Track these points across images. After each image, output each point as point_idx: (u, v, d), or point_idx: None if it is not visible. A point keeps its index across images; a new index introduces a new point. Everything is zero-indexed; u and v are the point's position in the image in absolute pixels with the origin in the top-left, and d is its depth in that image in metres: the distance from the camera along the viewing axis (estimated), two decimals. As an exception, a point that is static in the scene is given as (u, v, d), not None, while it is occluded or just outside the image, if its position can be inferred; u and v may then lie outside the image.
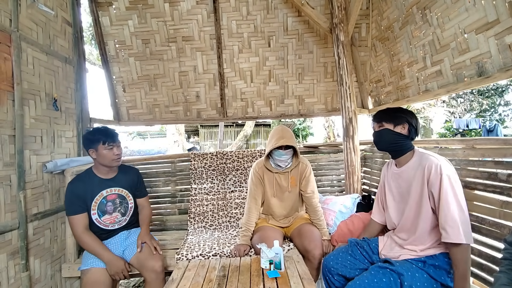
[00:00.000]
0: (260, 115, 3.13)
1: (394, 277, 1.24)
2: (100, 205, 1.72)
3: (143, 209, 1.92)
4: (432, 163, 1.25)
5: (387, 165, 1.58)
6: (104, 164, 1.71)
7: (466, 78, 1.75)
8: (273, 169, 1.94)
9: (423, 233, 1.33)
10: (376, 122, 1.47)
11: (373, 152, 2.80)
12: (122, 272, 1.62)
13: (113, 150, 1.69)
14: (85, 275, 1.58)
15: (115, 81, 2.95)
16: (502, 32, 1.46)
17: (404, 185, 1.40)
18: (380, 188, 1.63)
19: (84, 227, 1.64)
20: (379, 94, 2.81)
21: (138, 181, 1.91)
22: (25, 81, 1.67)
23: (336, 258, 1.53)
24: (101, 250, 1.62)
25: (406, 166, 1.40)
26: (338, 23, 2.43)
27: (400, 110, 1.44)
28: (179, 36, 2.88)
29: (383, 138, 1.43)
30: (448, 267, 1.27)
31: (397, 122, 1.39)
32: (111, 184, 1.77)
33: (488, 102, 12.04)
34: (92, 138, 1.66)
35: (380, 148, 1.50)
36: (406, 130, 1.39)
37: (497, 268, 1.26)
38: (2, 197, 1.50)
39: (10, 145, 1.56)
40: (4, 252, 1.50)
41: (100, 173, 1.75)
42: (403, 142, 1.39)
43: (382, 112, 1.47)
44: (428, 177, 1.26)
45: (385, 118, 1.43)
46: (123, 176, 1.83)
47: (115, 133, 1.74)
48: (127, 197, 1.84)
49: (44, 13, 1.86)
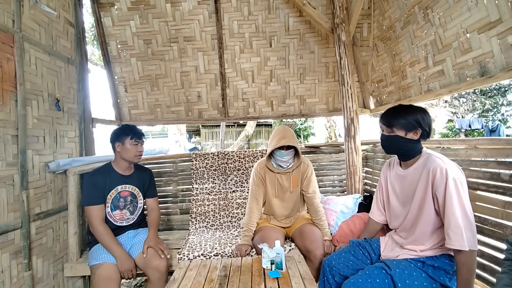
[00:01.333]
0: (261, 115, 3.14)
1: (389, 278, 1.24)
2: (113, 200, 1.78)
3: (152, 211, 1.94)
4: (438, 166, 1.22)
5: (389, 165, 1.55)
6: (126, 158, 1.78)
7: (468, 78, 1.74)
8: (275, 169, 1.94)
9: (423, 234, 1.32)
10: (386, 126, 1.37)
11: (374, 152, 2.80)
12: (131, 271, 1.64)
13: (138, 147, 1.79)
14: (97, 269, 1.59)
15: (117, 81, 2.96)
16: (504, 31, 1.45)
17: (409, 186, 1.37)
18: (379, 188, 1.61)
19: (101, 218, 1.69)
20: (381, 94, 2.80)
21: (150, 182, 1.96)
22: (27, 81, 1.68)
23: (338, 258, 1.52)
24: (114, 244, 1.65)
25: (412, 168, 1.36)
26: (340, 23, 2.43)
27: (412, 111, 1.32)
28: (181, 36, 2.89)
29: (393, 144, 1.36)
30: (448, 268, 1.26)
31: (409, 128, 1.30)
32: (127, 181, 1.84)
33: (491, 102, 11.98)
34: (121, 132, 1.77)
35: (388, 152, 1.45)
36: (418, 136, 1.31)
37: (499, 268, 1.25)
38: (5, 196, 1.51)
39: (13, 145, 1.56)
40: (7, 251, 1.51)
41: (119, 168, 1.82)
42: (413, 147, 1.33)
43: (393, 114, 1.35)
44: (433, 180, 1.23)
45: (397, 124, 1.32)
46: (138, 175, 1.90)
47: (142, 132, 1.84)
48: (138, 196, 1.89)
49: (46, 14, 1.87)
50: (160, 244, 1.75)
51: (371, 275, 1.26)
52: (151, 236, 1.77)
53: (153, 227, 1.85)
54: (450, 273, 1.26)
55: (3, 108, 1.51)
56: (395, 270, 1.25)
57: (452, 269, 1.26)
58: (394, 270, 1.25)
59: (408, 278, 1.23)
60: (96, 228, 1.66)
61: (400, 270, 1.25)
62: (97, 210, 1.68)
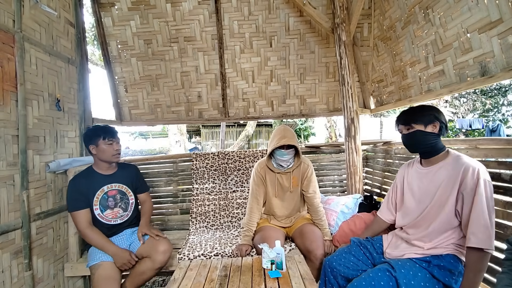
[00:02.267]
0: (261, 115, 3.14)
1: (393, 281, 1.23)
2: (101, 200, 1.76)
3: (144, 203, 1.98)
4: (470, 166, 1.21)
5: (408, 165, 1.54)
6: (104, 159, 1.76)
7: (469, 78, 1.74)
8: (275, 169, 1.94)
9: (435, 231, 1.31)
10: (404, 125, 1.39)
11: (375, 152, 2.80)
12: (129, 262, 1.65)
13: (113, 146, 1.75)
14: (96, 270, 1.60)
15: (117, 81, 2.96)
16: (505, 31, 1.45)
17: (429, 184, 1.36)
18: (393, 187, 1.61)
19: (87, 222, 1.68)
20: (381, 94, 2.80)
21: (137, 177, 1.96)
22: (28, 81, 1.68)
23: (339, 259, 1.51)
24: (105, 243, 1.65)
25: (436, 166, 1.35)
26: (340, 23, 2.43)
27: (426, 108, 1.37)
28: (181, 36, 2.89)
29: (416, 140, 1.36)
30: (453, 268, 1.25)
31: (427, 122, 1.33)
32: (111, 180, 1.82)
33: (491, 102, 11.96)
34: (93, 134, 1.73)
35: (412, 150, 1.44)
36: (437, 129, 1.32)
37: (500, 269, 1.25)
38: (6, 196, 1.51)
39: (14, 145, 1.57)
40: (8, 251, 1.51)
41: (100, 169, 1.80)
42: (436, 142, 1.33)
43: (408, 113, 1.39)
44: (463, 179, 1.22)
45: (414, 119, 1.35)
46: (122, 173, 1.88)
47: (115, 130, 1.81)
48: (128, 193, 1.88)
49: (47, 14, 1.87)
50: (153, 229, 1.80)
51: (375, 277, 1.25)
52: (144, 223, 1.83)
53: (146, 215, 1.90)
54: (456, 274, 1.25)
55: (4, 108, 1.51)
56: (399, 271, 1.24)
57: (457, 270, 1.25)
58: (399, 271, 1.24)
59: (413, 279, 1.22)
60: (84, 232, 1.66)
61: (405, 271, 1.25)
62: (82, 214, 1.67)
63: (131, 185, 1.90)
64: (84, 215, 1.67)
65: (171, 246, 1.76)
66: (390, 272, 1.25)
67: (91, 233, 1.66)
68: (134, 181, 1.93)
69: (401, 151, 2.34)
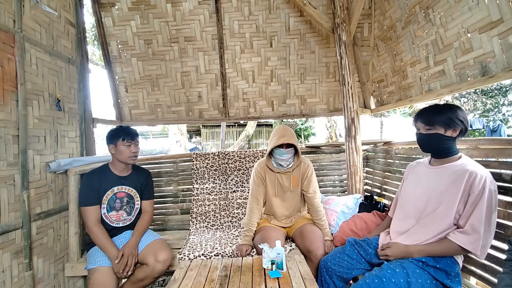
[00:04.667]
0: (262, 115, 3.13)
1: (403, 278, 1.22)
2: (109, 201, 1.77)
3: (144, 213, 1.91)
4: (478, 172, 1.21)
5: (417, 163, 1.53)
6: (120, 160, 1.78)
7: (469, 78, 1.74)
8: (275, 169, 1.94)
9: (434, 231, 1.31)
10: (425, 124, 1.35)
11: (375, 152, 2.80)
12: (128, 269, 1.62)
13: (131, 148, 1.77)
14: (92, 274, 1.59)
15: (118, 81, 2.96)
16: (505, 31, 1.45)
17: (438, 181, 1.35)
18: (401, 186, 1.61)
19: (96, 219, 1.70)
20: (382, 94, 2.80)
21: (147, 183, 1.94)
22: (28, 81, 1.68)
23: (333, 259, 1.52)
24: (109, 245, 1.65)
25: (445, 167, 1.34)
26: (340, 23, 2.42)
27: (451, 108, 1.31)
28: (181, 36, 2.89)
29: (432, 143, 1.35)
30: (450, 270, 1.26)
31: (449, 126, 1.29)
32: (123, 182, 1.83)
33: (492, 102, 11.95)
34: (113, 134, 1.77)
35: (425, 150, 1.42)
36: (457, 133, 1.30)
37: (501, 269, 1.25)
38: (6, 196, 1.51)
39: (14, 145, 1.57)
40: (8, 251, 1.51)
41: (115, 169, 1.82)
42: (451, 145, 1.32)
43: (432, 113, 1.34)
44: (471, 181, 1.22)
45: (437, 121, 1.31)
46: (135, 176, 1.89)
47: (135, 133, 1.83)
48: (135, 197, 1.88)
49: (47, 14, 1.87)
50: (130, 257, 1.63)
51: (386, 274, 1.25)
52: (131, 243, 1.69)
53: (138, 232, 1.77)
54: (452, 275, 1.25)
55: (4, 108, 1.51)
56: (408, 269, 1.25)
57: (454, 271, 1.26)
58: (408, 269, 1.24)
59: (419, 278, 1.23)
60: (91, 229, 1.67)
61: (411, 271, 1.25)
62: (92, 211, 1.69)
63: (139, 189, 1.90)
64: (93, 212, 1.69)
65: (171, 254, 1.75)
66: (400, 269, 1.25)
67: (97, 231, 1.67)
68: (143, 186, 1.92)
69: (401, 151, 2.34)
